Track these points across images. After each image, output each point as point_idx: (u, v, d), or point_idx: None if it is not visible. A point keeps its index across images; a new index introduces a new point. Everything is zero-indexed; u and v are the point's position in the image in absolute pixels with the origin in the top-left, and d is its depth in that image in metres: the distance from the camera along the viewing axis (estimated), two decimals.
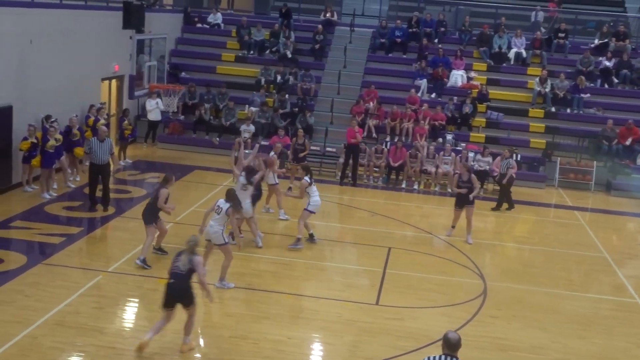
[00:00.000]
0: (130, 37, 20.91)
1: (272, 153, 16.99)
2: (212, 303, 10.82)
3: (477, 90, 24.65)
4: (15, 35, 17.02)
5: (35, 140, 16.79)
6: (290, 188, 18.95)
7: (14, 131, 16.98)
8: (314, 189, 14.81)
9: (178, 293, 9.91)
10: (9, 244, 13.90)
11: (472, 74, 25.61)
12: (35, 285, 11.85)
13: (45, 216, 15.65)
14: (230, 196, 12.37)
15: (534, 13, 28.25)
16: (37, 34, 17.77)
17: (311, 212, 14.77)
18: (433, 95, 24.92)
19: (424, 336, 11.08)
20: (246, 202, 13.83)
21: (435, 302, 12.61)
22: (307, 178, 14.76)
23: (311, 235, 15.07)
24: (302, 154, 20.01)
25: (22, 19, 17.28)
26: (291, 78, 25.17)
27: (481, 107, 24.24)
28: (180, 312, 10.04)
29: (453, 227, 16.44)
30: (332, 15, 27.73)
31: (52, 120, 17.45)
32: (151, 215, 13.14)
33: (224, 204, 12.25)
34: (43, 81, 18.11)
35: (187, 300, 10.00)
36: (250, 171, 14.26)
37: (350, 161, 20.82)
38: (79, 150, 18.23)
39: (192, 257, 9.93)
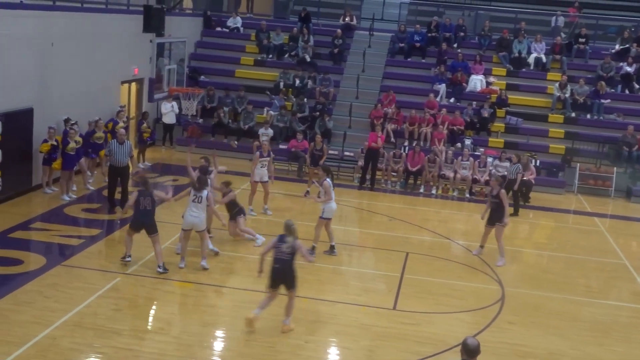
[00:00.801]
0: (151, 41, 20.99)
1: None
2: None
3: (496, 95, 24.56)
4: (36, 38, 17.17)
5: (55, 143, 16.92)
6: (307, 192, 18.97)
7: (35, 133, 17.12)
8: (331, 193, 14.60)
9: (283, 276, 10.74)
10: (28, 245, 14.01)
11: (492, 79, 25.52)
12: (55, 287, 11.93)
13: (64, 218, 15.77)
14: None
15: (554, 18, 28.09)
16: (59, 37, 17.91)
17: (327, 219, 14.47)
18: (452, 100, 24.85)
19: (441, 341, 11.04)
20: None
21: (453, 307, 12.56)
22: (329, 180, 14.52)
23: (332, 247, 14.72)
24: (321, 161, 19.89)
25: (43, 22, 17.43)
26: (310, 82, 25.21)
27: (500, 112, 24.15)
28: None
29: (482, 246, 15.41)
30: (351, 20, 27.75)
31: (72, 122, 17.58)
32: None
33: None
34: (63, 84, 18.25)
35: (291, 282, 10.84)
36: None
37: (370, 165, 20.79)
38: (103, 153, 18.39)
39: (295, 241, 10.70)
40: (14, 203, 16.35)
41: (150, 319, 11.47)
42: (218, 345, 10.70)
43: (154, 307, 11.84)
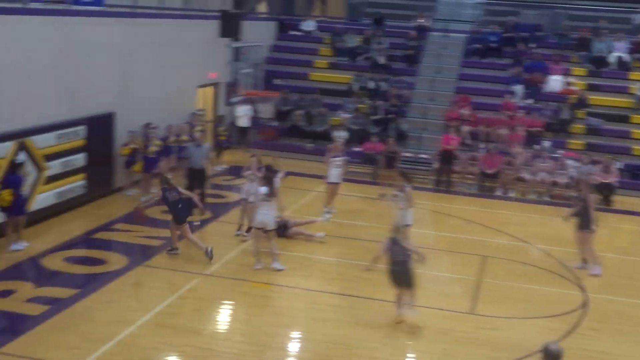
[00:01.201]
0: (227, 45, 21.38)
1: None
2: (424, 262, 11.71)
3: (576, 96, 23.96)
4: (118, 44, 17.64)
5: (135, 146, 17.34)
6: (383, 195, 18.89)
7: (116, 137, 17.58)
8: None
9: (403, 278, 11.15)
10: (110, 246, 14.40)
11: (571, 79, 24.91)
12: (136, 286, 12.23)
13: (144, 219, 16.08)
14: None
15: (635, 16, 27.25)
16: (139, 43, 18.36)
17: (411, 225, 14.12)
18: (529, 101, 24.38)
19: (520, 347, 10.82)
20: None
21: (533, 312, 12.30)
22: (409, 185, 14.32)
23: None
24: (394, 163, 19.76)
25: (125, 28, 17.90)
26: (384, 84, 25.14)
27: (580, 113, 23.55)
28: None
29: (584, 260, 14.47)
30: (426, 21, 27.54)
31: (153, 126, 17.99)
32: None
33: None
34: (143, 89, 18.69)
35: (411, 282, 11.26)
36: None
37: (444, 168, 20.59)
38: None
39: (404, 242, 11.29)
40: (97, 205, 16.83)
41: (229, 319, 11.64)
42: (294, 347, 10.77)
43: (232, 307, 12.00)
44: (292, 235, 15.16)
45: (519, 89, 24.46)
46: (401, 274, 11.16)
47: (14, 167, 13.24)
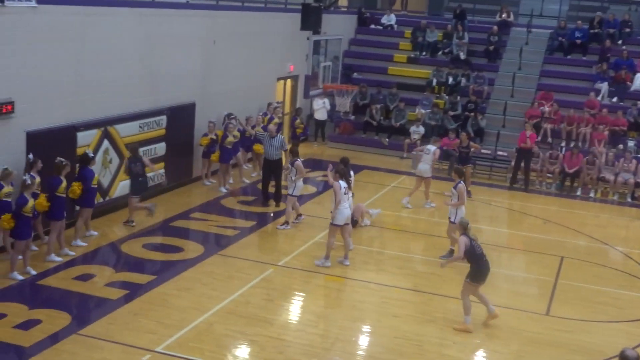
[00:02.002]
0: (308, 38, 21.50)
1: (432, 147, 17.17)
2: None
3: None
4: (200, 36, 17.97)
5: (214, 137, 17.64)
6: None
7: (196, 127, 17.92)
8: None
9: (488, 272, 11.18)
10: (188, 234, 14.70)
11: None
12: (211, 275, 12.46)
13: (221, 209, 16.39)
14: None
15: None
16: (220, 36, 18.65)
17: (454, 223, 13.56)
18: (614, 100, 23.66)
19: (597, 351, 10.58)
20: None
21: (611, 316, 11.99)
22: (462, 183, 13.84)
23: (452, 252, 14.06)
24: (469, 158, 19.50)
25: (207, 21, 18.21)
26: (463, 80, 24.84)
27: None
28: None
29: None
30: (508, 16, 27.02)
31: (232, 117, 18.26)
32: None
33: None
34: (223, 80, 18.99)
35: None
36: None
37: (521, 165, 20.20)
38: (257, 147, 18.89)
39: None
40: (175, 193, 17.21)
41: (300, 310, 11.73)
42: (365, 341, 10.78)
43: (304, 299, 12.09)
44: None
45: (603, 87, 23.78)
46: (488, 268, 11.18)
47: (86, 160, 13.48)
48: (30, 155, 12.47)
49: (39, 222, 12.78)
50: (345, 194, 13.06)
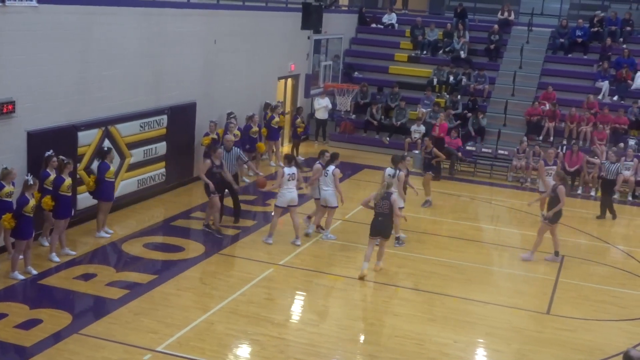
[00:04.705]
0: (308, 37, 21.50)
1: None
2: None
3: None
4: (201, 35, 17.96)
5: (215, 136, 17.62)
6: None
7: (197, 127, 17.92)
8: None
9: (383, 228, 12.57)
10: (189, 234, 14.70)
11: None
12: (212, 274, 12.47)
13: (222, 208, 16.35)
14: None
15: None
16: (221, 35, 18.65)
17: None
18: (615, 98, 23.66)
19: (598, 350, 10.57)
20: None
21: (613, 315, 11.98)
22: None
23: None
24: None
25: (208, 20, 18.21)
26: (464, 79, 24.83)
27: None
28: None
29: None
30: (510, 15, 27.02)
31: (232, 116, 18.25)
32: None
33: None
34: (224, 79, 18.98)
35: (387, 233, 12.80)
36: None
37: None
38: (260, 145, 18.93)
39: (390, 198, 12.55)
40: (176, 193, 17.21)
41: (302, 310, 11.74)
42: (366, 340, 10.78)
43: (305, 298, 12.10)
44: None
45: (604, 85, 23.77)
46: (382, 225, 12.38)
47: (102, 154, 13.63)
48: (50, 152, 12.48)
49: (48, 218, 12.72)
50: (289, 180, 13.90)
